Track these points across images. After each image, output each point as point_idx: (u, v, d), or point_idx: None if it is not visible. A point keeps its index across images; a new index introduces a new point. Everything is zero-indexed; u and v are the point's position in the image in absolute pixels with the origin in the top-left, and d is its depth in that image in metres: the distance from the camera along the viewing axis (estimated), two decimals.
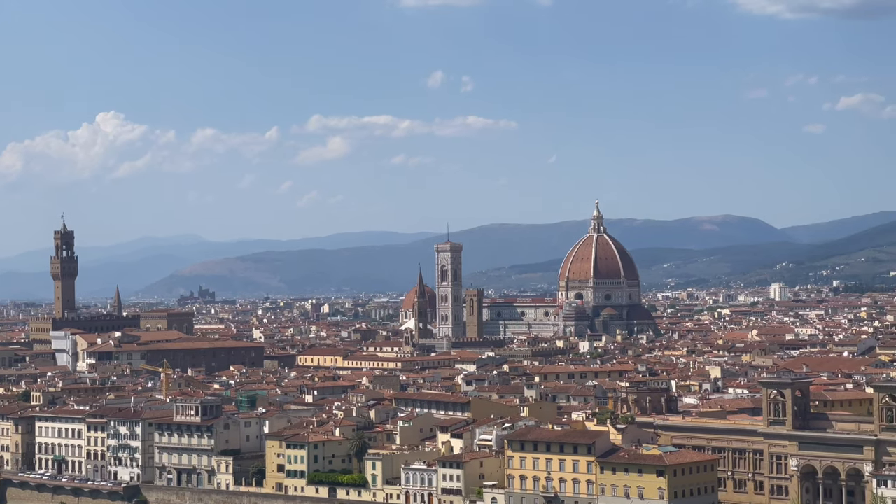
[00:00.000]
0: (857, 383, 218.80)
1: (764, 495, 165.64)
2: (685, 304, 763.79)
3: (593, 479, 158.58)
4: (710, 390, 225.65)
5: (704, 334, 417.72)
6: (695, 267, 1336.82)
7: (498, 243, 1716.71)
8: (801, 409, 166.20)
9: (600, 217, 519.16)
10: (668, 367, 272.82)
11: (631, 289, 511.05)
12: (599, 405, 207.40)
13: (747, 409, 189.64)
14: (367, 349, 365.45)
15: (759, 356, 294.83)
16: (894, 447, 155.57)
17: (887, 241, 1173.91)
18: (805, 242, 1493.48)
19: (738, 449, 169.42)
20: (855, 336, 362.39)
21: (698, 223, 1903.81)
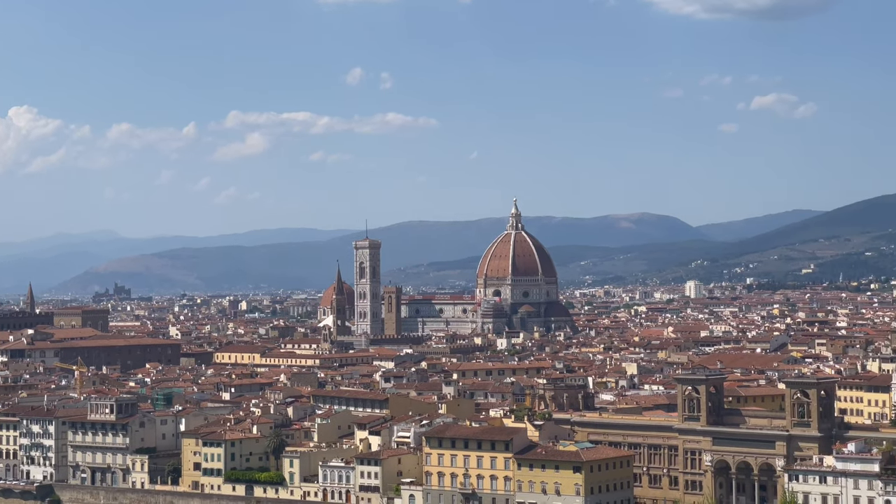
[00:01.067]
0: (770, 379, 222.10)
1: (678, 490, 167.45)
2: (602, 302, 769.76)
3: (511, 475, 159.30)
4: (627, 387, 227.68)
5: (621, 331, 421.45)
6: (612, 264, 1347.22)
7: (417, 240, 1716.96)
8: (715, 405, 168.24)
9: (518, 214, 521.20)
10: (585, 363, 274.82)
11: (549, 286, 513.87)
12: (517, 402, 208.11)
13: (663, 406, 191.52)
14: (285, 346, 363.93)
15: (675, 353, 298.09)
16: (806, 442, 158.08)
17: (799, 240, 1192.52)
18: (720, 240, 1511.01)
19: (654, 445, 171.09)
20: (768, 333, 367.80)
21: (615, 221, 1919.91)
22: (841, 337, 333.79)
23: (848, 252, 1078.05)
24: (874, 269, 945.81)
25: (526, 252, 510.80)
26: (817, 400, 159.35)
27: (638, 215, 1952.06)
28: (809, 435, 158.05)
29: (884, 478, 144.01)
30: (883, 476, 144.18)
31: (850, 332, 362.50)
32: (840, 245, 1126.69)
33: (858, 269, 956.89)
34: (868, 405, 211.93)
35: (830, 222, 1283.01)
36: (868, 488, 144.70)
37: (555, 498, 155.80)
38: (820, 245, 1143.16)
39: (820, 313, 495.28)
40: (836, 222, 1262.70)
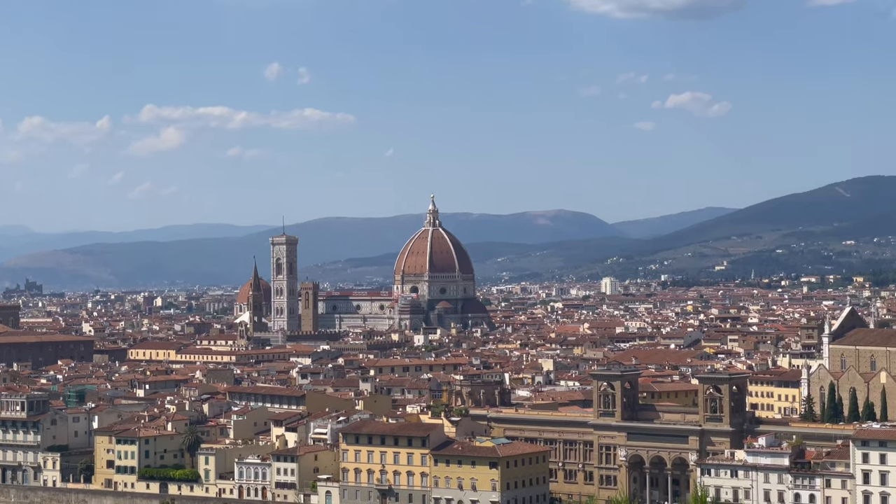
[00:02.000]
0: (684, 375, 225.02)
1: (593, 485, 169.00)
2: (519, 298, 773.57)
3: (427, 471, 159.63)
4: (543, 383, 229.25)
5: (537, 327, 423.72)
6: (528, 261, 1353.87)
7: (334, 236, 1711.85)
8: (629, 400, 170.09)
9: (436, 211, 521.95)
10: (501, 359, 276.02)
11: (466, 282, 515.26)
12: (434, 398, 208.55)
13: (578, 401, 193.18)
14: (201, 343, 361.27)
15: (591, 349, 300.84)
16: (718, 437, 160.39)
17: (713, 237, 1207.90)
18: (635, 238, 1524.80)
19: (569, 440, 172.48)
20: (681, 329, 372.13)
21: (532, 218, 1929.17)
22: (752, 333, 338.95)
23: (759, 249, 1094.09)
24: (785, 267, 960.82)
25: (443, 249, 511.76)
26: (729, 395, 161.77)
27: (554, 212, 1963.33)
28: (721, 430, 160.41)
29: (793, 471, 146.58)
30: (792, 470, 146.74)
31: (761, 328, 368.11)
32: (752, 243, 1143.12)
33: (769, 266, 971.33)
34: (778, 400, 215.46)
35: (743, 220, 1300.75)
36: (778, 482, 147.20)
37: (471, 493, 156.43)
38: (732, 242, 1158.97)
39: (732, 310, 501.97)
40: (749, 220, 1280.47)
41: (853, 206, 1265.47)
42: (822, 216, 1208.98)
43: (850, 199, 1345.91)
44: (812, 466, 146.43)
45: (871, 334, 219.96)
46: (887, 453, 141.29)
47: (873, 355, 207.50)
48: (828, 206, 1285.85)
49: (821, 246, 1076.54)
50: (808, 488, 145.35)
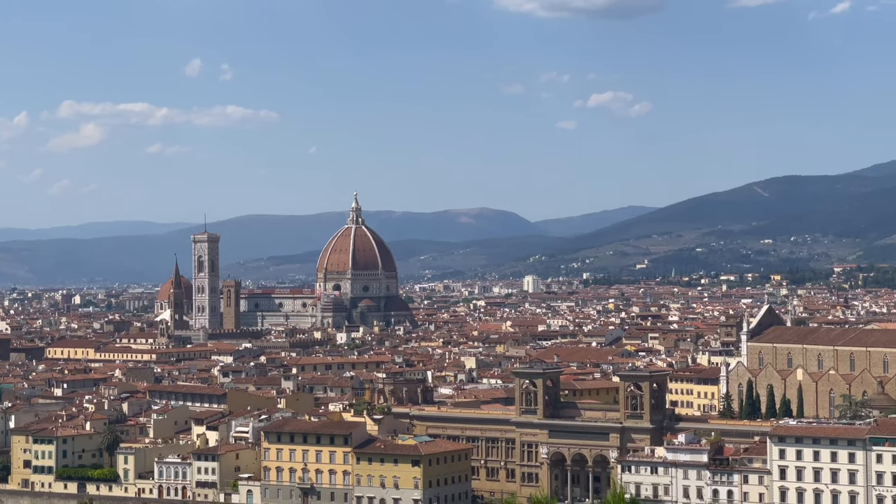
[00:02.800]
0: (605, 373, 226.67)
1: (515, 483, 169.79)
2: (442, 296, 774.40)
3: (350, 469, 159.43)
4: (466, 381, 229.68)
5: (460, 325, 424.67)
6: (451, 259, 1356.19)
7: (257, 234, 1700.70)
8: (551, 398, 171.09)
9: (359, 209, 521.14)
10: (424, 357, 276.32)
11: (389, 280, 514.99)
12: (356, 396, 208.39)
13: (501, 399, 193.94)
14: (120, 341, 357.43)
15: (513, 347, 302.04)
16: (638, 434, 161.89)
17: (634, 235, 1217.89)
18: (557, 236, 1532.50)
19: (492, 438, 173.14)
20: (603, 327, 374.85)
21: (455, 216, 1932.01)
22: (673, 331, 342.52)
23: (680, 248, 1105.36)
24: (704, 265, 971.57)
25: (366, 246, 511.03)
26: (650, 392, 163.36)
27: (477, 210, 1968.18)
28: (642, 427, 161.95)
29: (712, 468, 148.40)
30: (711, 466, 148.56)
31: (681, 325, 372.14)
32: (672, 241, 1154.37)
33: (689, 264, 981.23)
34: (698, 397, 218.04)
35: (664, 219, 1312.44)
36: (697, 478, 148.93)
37: (393, 491, 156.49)
38: (653, 241, 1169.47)
39: (653, 308, 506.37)
40: (669, 219, 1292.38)
41: (771, 206, 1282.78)
42: (741, 215, 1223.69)
43: (767, 198, 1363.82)
44: (730, 463, 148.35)
45: (788, 332, 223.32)
46: (803, 449, 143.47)
47: (790, 353, 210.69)
48: (746, 205, 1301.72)
49: (739, 245, 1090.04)
50: (726, 484, 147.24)
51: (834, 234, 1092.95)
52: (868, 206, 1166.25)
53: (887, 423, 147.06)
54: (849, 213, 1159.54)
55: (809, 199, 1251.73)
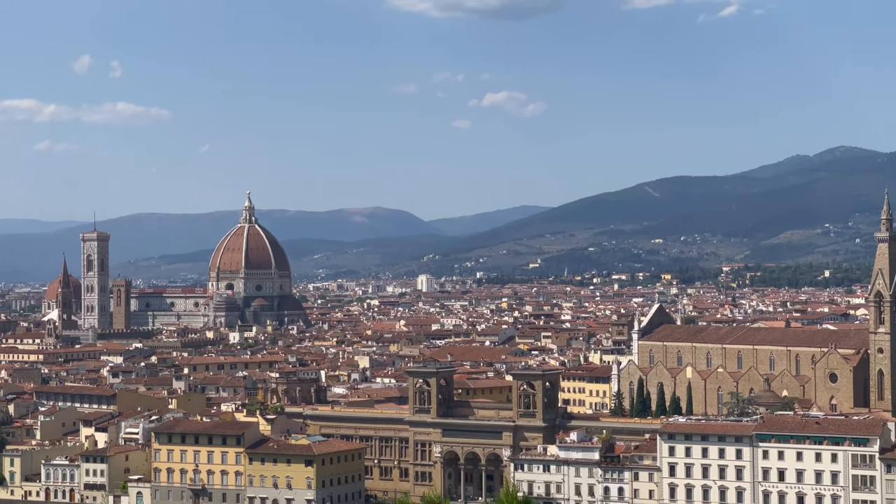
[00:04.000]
0: (498, 372, 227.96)
1: (409, 482, 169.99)
2: (335, 295, 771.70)
3: (242, 470, 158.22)
4: (359, 380, 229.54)
5: (354, 325, 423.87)
6: (345, 258, 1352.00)
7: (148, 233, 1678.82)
8: (445, 397, 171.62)
9: (252, 208, 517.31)
10: (317, 357, 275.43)
11: (282, 279, 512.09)
12: (249, 396, 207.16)
13: (394, 398, 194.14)
14: (7, 341, 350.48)
15: (407, 346, 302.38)
16: (531, 432, 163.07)
17: (527, 235, 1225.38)
18: (451, 235, 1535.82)
19: (385, 437, 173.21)
20: (496, 326, 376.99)
21: (349, 215, 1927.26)
22: (565, 330, 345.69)
23: (572, 247, 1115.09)
24: (596, 264, 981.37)
25: (259, 245, 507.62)
26: (542, 391, 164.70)
27: (371, 210, 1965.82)
28: (534, 425, 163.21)
29: (603, 465, 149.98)
30: (602, 464, 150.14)
31: (573, 324, 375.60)
32: (565, 240, 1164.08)
33: (582, 263, 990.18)
34: (590, 395, 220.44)
35: (556, 218, 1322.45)
36: (589, 476, 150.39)
37: (286, 492, 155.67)
38: (546, 240, 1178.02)
39: (546, 307, 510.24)
40: (562, 219, 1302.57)
41: (661, 206, 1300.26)
42: (633, 215, 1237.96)
43: (658, 198, 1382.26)
44: (621, 460, 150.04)
45: (678, 331, 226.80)
46: (692, 446, 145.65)
47: (680, 351, 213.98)
48: (637, 205, 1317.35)
49: (631, 244, 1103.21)
50: (617, 481, 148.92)
51: (722, 233, 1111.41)
52: (755, 206, 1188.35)
53: (773, 419, 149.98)
54: (737, 213, 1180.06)
55: (699, 200, 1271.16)
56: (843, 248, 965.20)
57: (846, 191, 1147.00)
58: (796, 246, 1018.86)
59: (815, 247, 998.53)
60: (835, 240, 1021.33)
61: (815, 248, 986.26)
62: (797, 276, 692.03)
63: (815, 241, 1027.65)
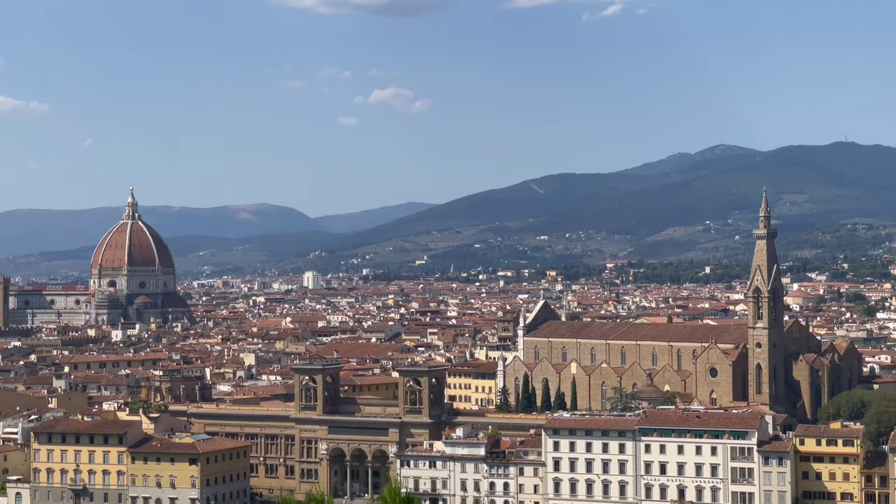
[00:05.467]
0: (385, 368, 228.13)
1: (295, 479, 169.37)
2: (221, 293, 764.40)
3: (125, 469, 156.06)
4: (245, 377, 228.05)
5: (239, 322, 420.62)
6: (231, 255, 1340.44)
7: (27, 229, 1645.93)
8: (331, 394, 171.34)
9: (135, 204, 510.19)
10: (202, 354, 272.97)
11: (166, 276, 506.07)
12: (132, 394, 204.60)
13: (280, 396, 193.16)
14: None
15: (293, 343, 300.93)
16: (417, 429, 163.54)
17: (413, 231, 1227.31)
18: (337, 232, 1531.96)
19: (271, 435, 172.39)
20: (383, 323, 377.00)
21: (234, 212, 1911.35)
22: (451, 326, 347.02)
23: (458, 244, 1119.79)
24: (482, 261, 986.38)
25: (143, 242, 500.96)
26: (428, 388, 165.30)
27: (257, 206, 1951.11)
28: (421, 421, 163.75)
29: (489, 461, 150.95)
30: (488, 459, 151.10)
31: (459, 321, 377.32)
32: (451, 237, 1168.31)
33: (468, 260, 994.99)
34: (476, 391, 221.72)
35: (443, 215, 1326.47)
36: (474, 471, 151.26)
37: (170, 491, 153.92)
38: (433, 237, 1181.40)
39: (432, 303, 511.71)
40: (448, 215, 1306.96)
41: (546, 203, 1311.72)
42: (518, 212, 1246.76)
43: (543, 195, 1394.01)
44: (506, 456, 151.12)
45: (563, 327, 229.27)
46: (576, 441, 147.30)
47: (565, 347, 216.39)
48: (523, 202, 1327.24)
49: (516, 241, 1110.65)
50: (503, 477, 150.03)
51: (606, 230, 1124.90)
52: (638, 203, 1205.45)
53: (655, 414, 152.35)
54: (620, 210, 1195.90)
55: (583, 197, 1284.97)
56: (724, 244, 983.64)
57: (726, 189, 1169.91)
58: (678, 243, 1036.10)
59: (697, 244, 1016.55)
60: (715, 237, 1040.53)
61: (696, 245, 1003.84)
62: (679, 273, 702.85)
63: (696, 238, 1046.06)
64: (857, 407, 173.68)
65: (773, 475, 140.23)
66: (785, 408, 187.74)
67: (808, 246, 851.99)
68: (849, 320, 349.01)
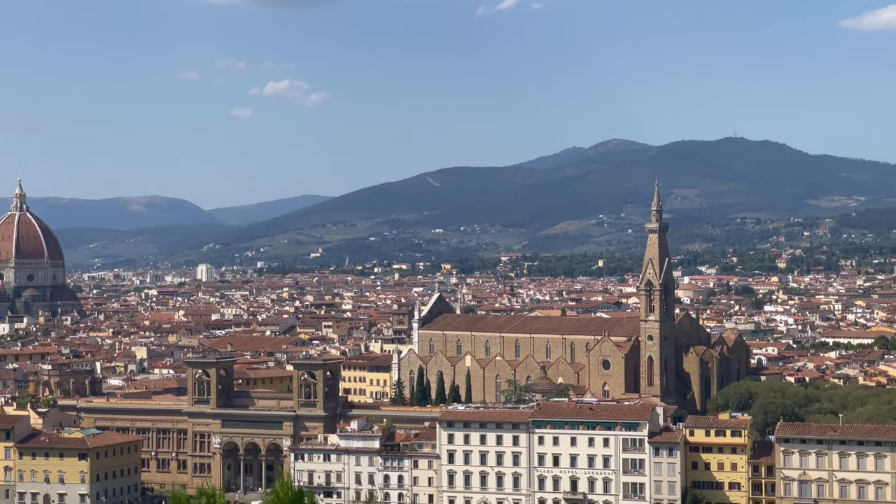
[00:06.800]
0: (279, 361, 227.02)
1: (187, 474, 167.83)
2: (112, 285, 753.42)
3: (12, 465, 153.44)
4: (136, 371, 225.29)
5: (131, 315, 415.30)
6: (122, 247, 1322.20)
7: None
8: (224, 387, 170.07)
9: (23, 195, 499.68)
10: (93, 348, 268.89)
11: (55, 269, 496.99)
12: (20, 389, 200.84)
13: (173, 390, 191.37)
14: None
15: (186, 336, 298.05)
16: (312, 422, 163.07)
17: (308, 224, 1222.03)
18: (232, 224, 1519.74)
19: (163, 429, 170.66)
20: (277, 316, 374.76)
21: (126, 204, 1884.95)
22: (346, 319, 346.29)
23: (354, 237, 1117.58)
24: (377, 254, 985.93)
25: (31, 234, 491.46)
26: (323, 381, 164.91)
27: (149, 198, 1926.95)
28: (315, 415, 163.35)
29: (383, 454, 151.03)
30: (382, 452, 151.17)
31: (354, 314, 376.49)
32: (346, 230, 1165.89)
33: (363, 253, 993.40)
34: (371, 384, 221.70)
35: (338, 208, 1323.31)
36: (369, 464, 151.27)
37: (59, 486, 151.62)
38: (328, 230, 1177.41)
39: (327, 296, 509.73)
40: (343, 208, 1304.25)
41: (442, 196, 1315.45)
42: (414, 205, 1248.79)
43: (439, 188, 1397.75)
44: (401, 448, 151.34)
45: (458, 319, 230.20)
46: (471, 434, 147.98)
47: (459, 340, 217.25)
48: (418, 195, 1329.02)
49: (412, 234, 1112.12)
50: (397, 469, 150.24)
51: (501, 224, 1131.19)
52: (533, 197, 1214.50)
53: (549, 406, 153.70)
54: (515, 203, 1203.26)
55: (478, 191, 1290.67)
56: (616, 238, 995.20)
57: (619, 183, 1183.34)
58: (572, 236, 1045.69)
59: (590, 237, 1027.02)
60: (608, 230, 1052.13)
61: (589, 239, 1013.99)
62: (572, 266, 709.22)
63: (589, 232, 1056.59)
64: (744, 398, 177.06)
65: (663, 466, 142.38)
66: (675, 399, 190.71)
67: (698, 240, 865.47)
68: (737, 313, 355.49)
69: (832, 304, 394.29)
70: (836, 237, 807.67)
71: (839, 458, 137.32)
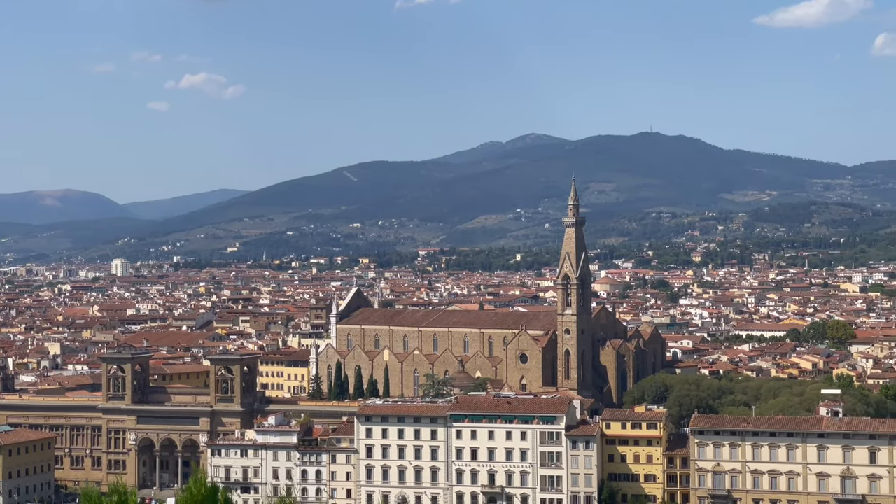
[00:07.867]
0: (196, 357, 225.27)
1: (101, 471, 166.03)
2: (24, 280, 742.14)
3: None
4: (50, 367, 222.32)
5: (44, 310, 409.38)
6: (35, 242, 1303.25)
7: None
8: (140, 383, 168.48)
9: None
10: (4, 344, 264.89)
11: None
12: None
13: (87, 386, 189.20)
14: None
15: (100, 332, 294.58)
16: (229, 417, 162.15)
17: (225, 218, 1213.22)
18: (147, 218, 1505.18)
19: (77, 426, 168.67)
20: (194, 311, 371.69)
21: (39, 197, 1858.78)
22: (264, 314, 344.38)
23: (271, 231, 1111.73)
24: (295, 248, 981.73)
25: None
26: (240, 376, 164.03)
27: (62, 192, 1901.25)
28: (232, 410, 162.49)
29: (301, 449, 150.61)
30: (300, 447, 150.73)
31: (272, 309, 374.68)
32: (264, 224, 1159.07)
33: (281, 247, 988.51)
34: (288, 379, 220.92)
35: (255, 202, 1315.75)
36: (287, 459, 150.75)
37: None
38: (245, 224, 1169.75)
39: (244, 291, 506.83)
40: (261, 202, 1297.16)
41: (359, 190, 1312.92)
42: (331, 199, 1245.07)
43: (356, 183, 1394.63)
44: (319, 443, 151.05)
45: (376, 314, 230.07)
46: (389, 428, 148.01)
47: (377, 334, 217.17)
48: (336, 189, 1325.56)
49: (329, 228, 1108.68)
50: (315, 464, 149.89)
51: (419, 218, 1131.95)
52: (451, 191, 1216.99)
53: (467, 400, 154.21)
54: (432, 198, 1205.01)
55: (396, 185, 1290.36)
56: (534, 232, 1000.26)
57: (536, 177, 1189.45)
58: (490, 230, 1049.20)
59: (508, 231, 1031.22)
60: (526, 224, 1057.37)
61: (507, 233, 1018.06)
62: (490, 260, 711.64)
63: (507, 226, 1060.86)
64: (660, 391, 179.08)
65: (580, 458, 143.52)
66: (592, 392, 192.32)
67: (615, 234, 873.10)
68: (653, 306, 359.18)
69: (746, 298, 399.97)
70: (749, 231, 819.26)
71: (752, 450, 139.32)
